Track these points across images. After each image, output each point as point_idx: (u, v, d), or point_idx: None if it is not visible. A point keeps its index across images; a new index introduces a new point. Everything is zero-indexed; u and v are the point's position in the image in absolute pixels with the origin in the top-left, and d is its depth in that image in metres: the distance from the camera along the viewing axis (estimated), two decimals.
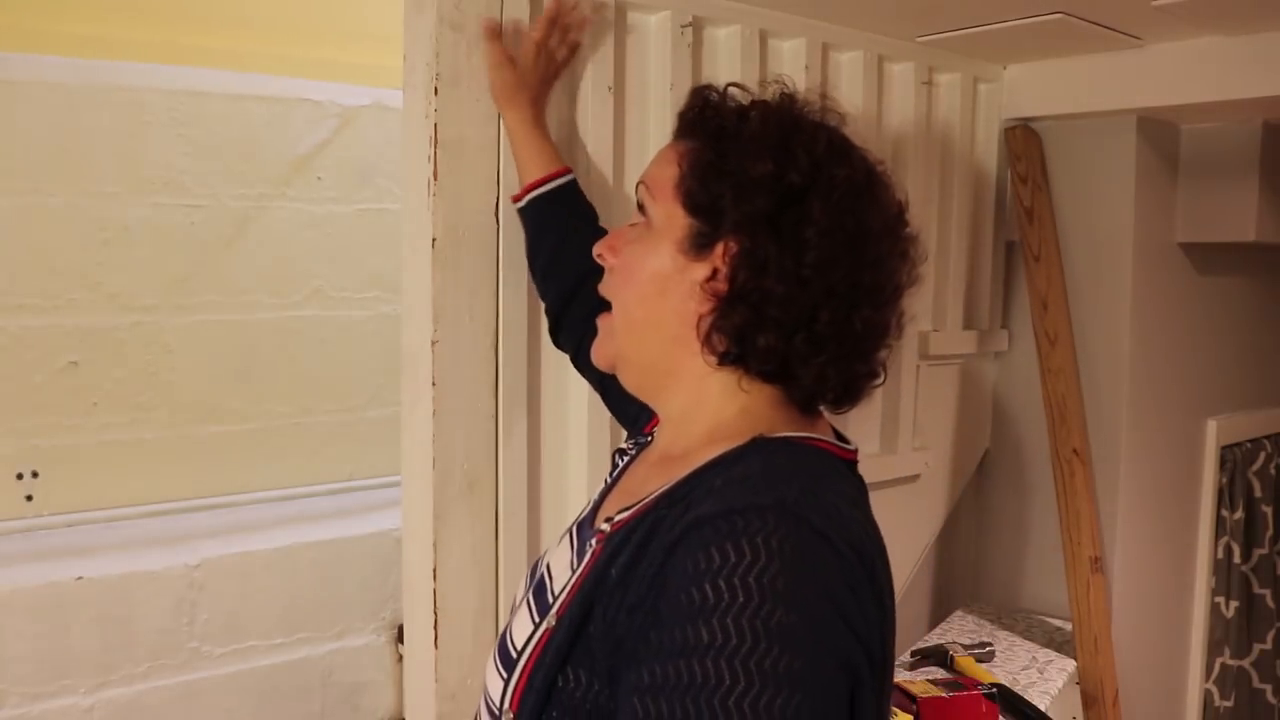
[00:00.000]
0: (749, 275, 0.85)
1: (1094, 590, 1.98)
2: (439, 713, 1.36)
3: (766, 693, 0.66)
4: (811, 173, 0.85)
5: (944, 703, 1.62)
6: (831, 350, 0.85)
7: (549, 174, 1.32)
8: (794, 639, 0.69)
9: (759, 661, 0.67)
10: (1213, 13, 1.62)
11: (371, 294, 2.55)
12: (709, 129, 0.91)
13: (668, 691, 0.69)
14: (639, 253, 0.92)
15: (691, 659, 0.69)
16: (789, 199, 0.85)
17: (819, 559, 0.73)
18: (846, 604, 0.74)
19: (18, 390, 2.12)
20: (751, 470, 0.81)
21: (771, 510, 0.73)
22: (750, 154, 0.86)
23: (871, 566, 0.78)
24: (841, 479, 0.85)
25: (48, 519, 2.16)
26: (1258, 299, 2.43)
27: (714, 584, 0.70)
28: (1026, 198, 2.03)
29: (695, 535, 0.74)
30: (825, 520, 0.75)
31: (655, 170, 0.93)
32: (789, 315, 0.84)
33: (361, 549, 2.33)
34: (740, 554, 0.71)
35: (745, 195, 0.85)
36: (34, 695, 1.95)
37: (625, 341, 0.93)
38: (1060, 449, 2.01)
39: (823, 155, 0.87)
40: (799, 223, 0.84)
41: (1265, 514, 2.44)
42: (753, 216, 0.85)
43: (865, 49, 1.78)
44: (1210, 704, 2.39)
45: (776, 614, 0.69)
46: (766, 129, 0.88)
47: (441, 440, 1.34)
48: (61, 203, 2.13)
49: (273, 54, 2.43)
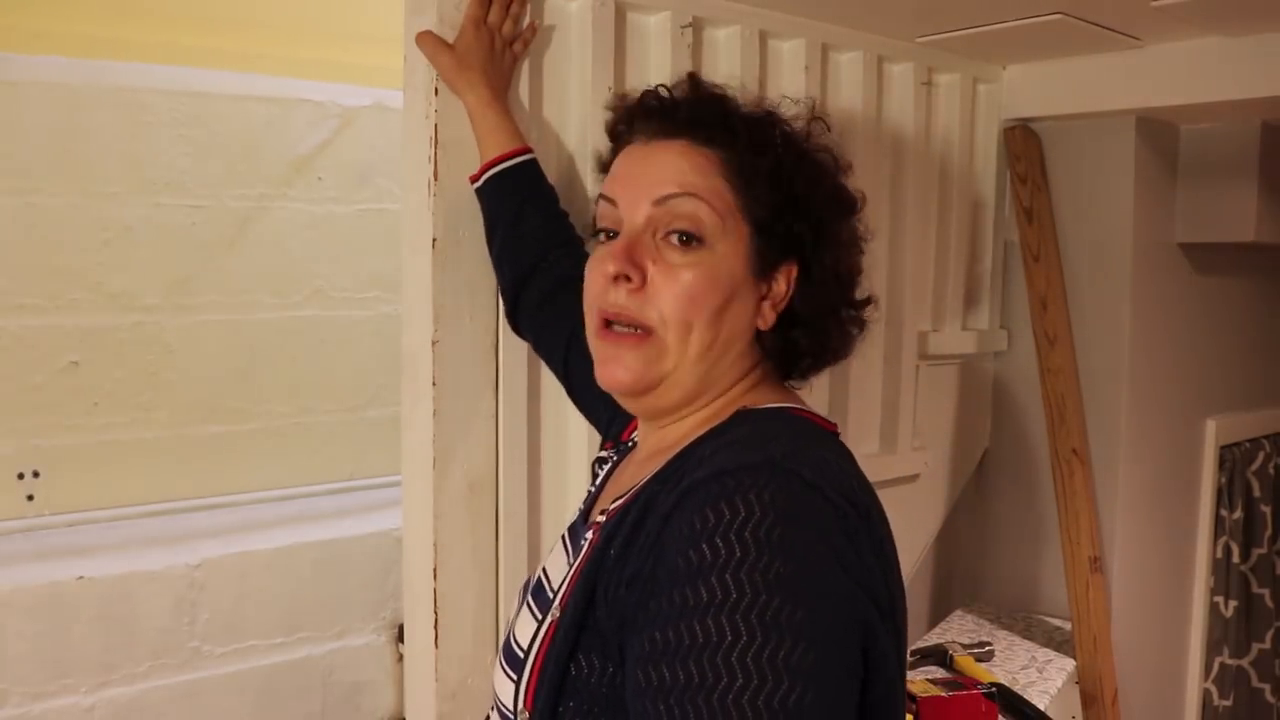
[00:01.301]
0: (815, 289, 0.91)
1: (1093, 590, 1.98)
2: (439, 712, 1.37)
3: (769, 645, 0.66)
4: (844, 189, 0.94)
5: (943, 702, 1.62)
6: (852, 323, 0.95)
7: (506, 152, 1.29)
8: (794, 589, 0.68)
9: (760, 614, 0.67)
10: (1212, 13, 1.62)
11: (371, 294, 2.55)
12: (741, 138, 0.89)
13: (670, 655, 0.68)
14: (700, 275, 0.86)
15: (692, 619, 0.68)
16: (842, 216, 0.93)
17: (813, 510, 0.73)
18: (844, 553, 0.74)
19: (19, 390, 2.12)
20: (740, 435, 0.82)
21: (762, 467, 0.74)
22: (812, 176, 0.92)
23: (867, 516, 0.78)
24: (827, 439, 0.87)
25: (49, 519, 2.16)
26: (1257, 299, 2.43)
27: (709, 542, 0.70)
28: (1026, 198, 2.04)
29: (689, 499, 0.74)
30: (816, 473, 0.75)
31: (696, 180, 0.87)
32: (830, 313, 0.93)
33: (362, 549, 2.33)
34: (735, 511, 0.71)
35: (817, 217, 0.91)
36: (35, 694, 1.95)
37: (688, 366, 0.87)
38: (1059, 449, 2.01)
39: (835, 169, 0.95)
40: (846, 236, 0.93)
41: (1264, 514, 2.45)
42: (821, 237, 0.91)
43: (865, 49, 1.79)
44: (1209, 703, 2.39)
45: (775, 566, 0.69)
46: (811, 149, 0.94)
47: (441, 440, 1.35)
48: (62, 203, 2.13)
49: (273, 54, 2.43)
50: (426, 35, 1.31)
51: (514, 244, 1.29)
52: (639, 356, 0.87)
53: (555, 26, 1.42)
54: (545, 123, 1.42)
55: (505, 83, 1.34)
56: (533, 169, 1.31)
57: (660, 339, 0.86)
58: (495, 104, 1.30)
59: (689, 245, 0.86)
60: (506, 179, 1.29)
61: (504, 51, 1.33)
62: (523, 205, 1.30)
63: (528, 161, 1.31)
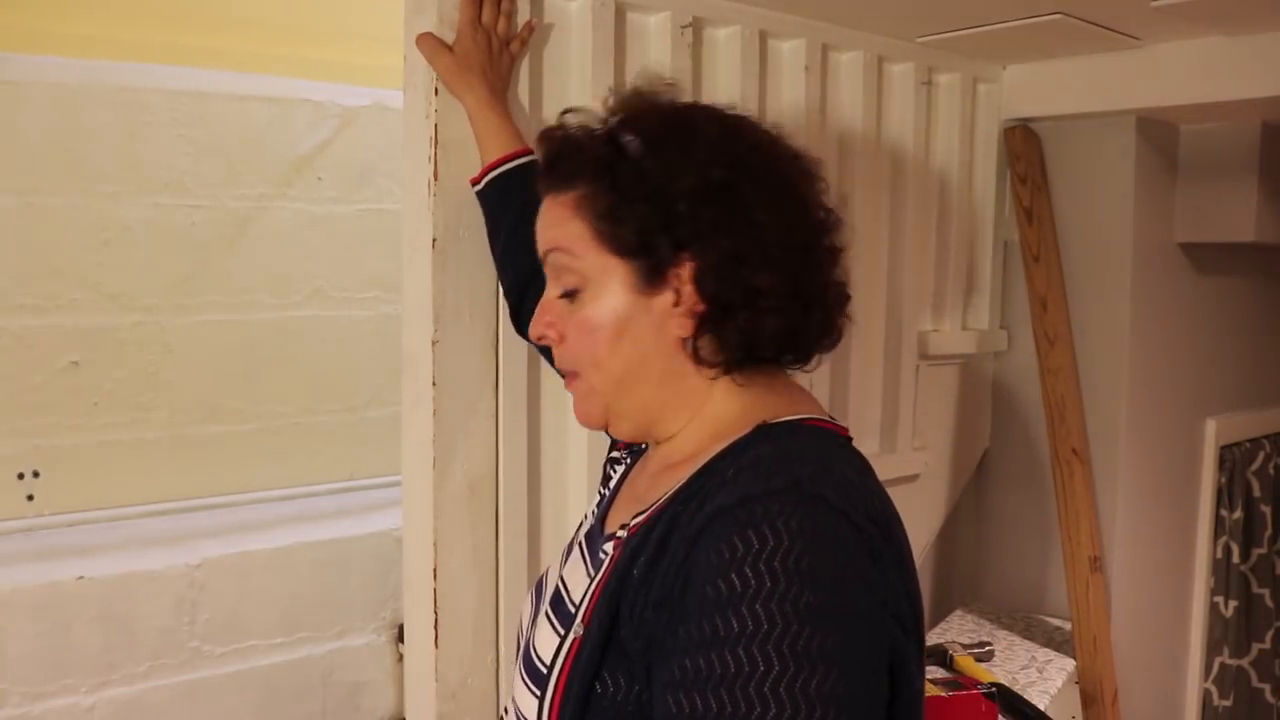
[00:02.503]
0: (724, 281, 0.84)
1: (1093, 590, 1.98)
2: (439, 712, 1.37)
3: (802, 674, 0.67)
4: (725, 159, 0.86)
5: (943, 702, 1.62)
6: (820, 297, 0.89)
7: (506, 154, 1.29)
8: (824, 618, 0.69)
9: (791, 644, 0.68)
10: (1212, 13, 1.62)
11: (371, 294, 2.55)
12: (586, 170, 0.88)
13: (701, 684, 0.69)
14: (588, 314, 0.88)
15: (723, 649, 0.69)
16: (724, 196, 0.85)
17: (839, 535, 0.74)
18: (871, 575, 0.75)
19: (19, 390, 2.12)
20: (763, 455, 0.81)
21: (787, 493, 0.74)
22: (656, 175, 0.85)
23: (888, 532, 0.79)
24: (846, 452, 0.87)
25: (49, 519, 2.16)
26: (1257, 299, 2.43)
27: (739, 572, 0.71)
28: (1026, 198, 2.04)
29: (715, 526, 0.74)
30: (840, 496, 0.76)
31: (558, 234, 0.90)
32: (781, 294, 0.85)
33: (362, 549, 2.33)
34: (763, 540, 0.71)
35: (675, 214, 0.84)
36: (35, 695, 1.95)
37: (614, 399, 0.91)
38: (1059, 449, 2.01)
39: (719, 138, 0.87)
40: (746, 211, 0.84)
41: (1264, 514, 2.45)
42: (702, 227, 0.84)
43: (865, 49, 1.79)
44: (1209, 703, 2.39)
45: (805, 595, 0.69)
46: (654, 144, 0.87)
47: (441, 440, 1.35)
48: (62, 203, 2.13)
49: (273, 54, 2.43)
50: (425, 37, 1.31)
51: (516, 247, 1.28)
52: (580, 397, 0.93)
53: (555, 26, 1.42)
54: (545, 123, 1.42)
55: (504, 84, 1.34)
56: (534, 170, 1.30)
57: (585, 380, 0.92)
58: (494, 105, 1.30)
59: (570, 298, 0.90)
60: (507, 181, 1.29)
61: (502, 52, 1.33)
62: (524, 207, 1.28)
63: (529, 163, 1.30)
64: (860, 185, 1.82)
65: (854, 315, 0.95)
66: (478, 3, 1.31)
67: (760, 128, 0.92)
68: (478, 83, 1.29)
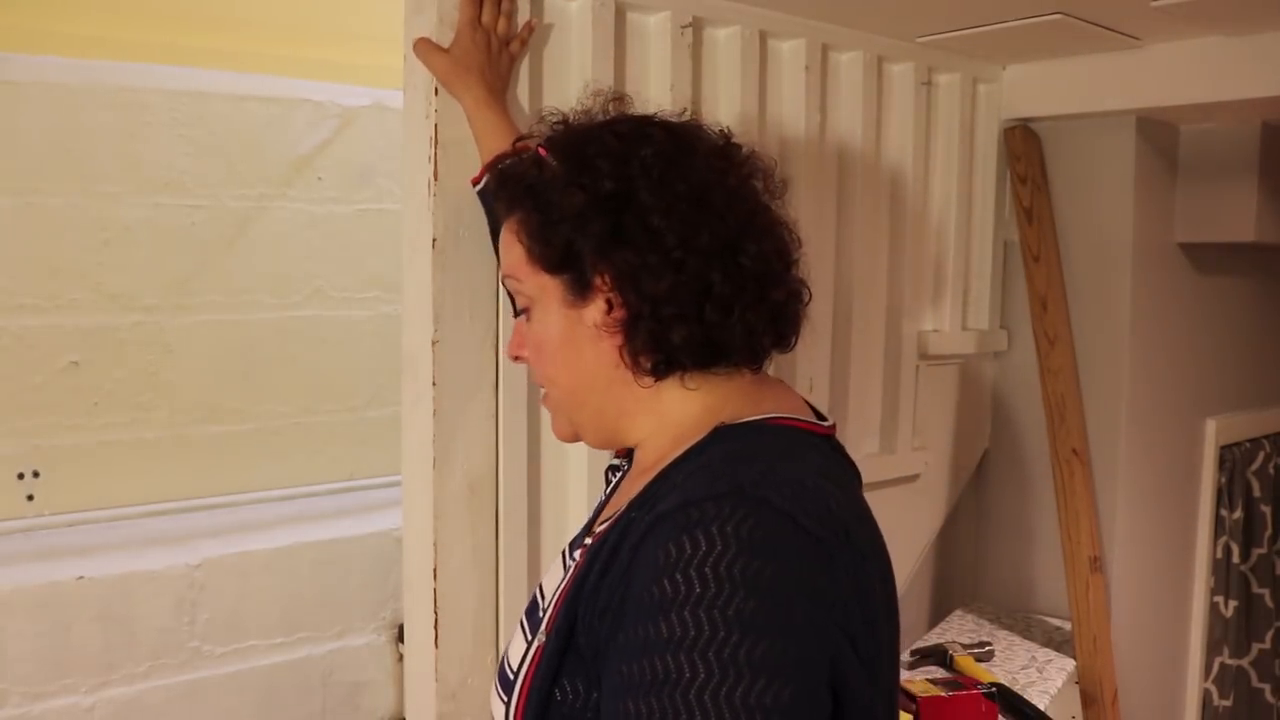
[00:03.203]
0: (632, 289, 0.85)
1: (1093, 590, 1.98)
2: (439, 712, 1.37)
3: (727, 682, 0.66)
4: (620, 170, 0.86)
5: (943, 702, 1.62)
6: (742, 299, 0.86)
7: (505, 151, 1.28)
8: (756, 626, 0.68)
9: (718, 651, 0.67)
10: (1212, 13, 1.62)
11: (371, 294, 2.55)
12: (520, 195, 0.91)
13: (635, 690, 0.69)
14: (536, 332, 0.93)
15: (654, 655, 0.68)
16: (617, 206, 0.85)
17: (782, 540, 0.72)
18: (816, 583, 0.73)
19: (18, 390, 2.12)
20: (712, 459, 0.81)
21: (729, 497, 0.73)
22: (560, 193, 0.87)
23: (845, 535, 0.76)
24: (812, 452, 0.85)
25: (49, 519, 2.16)
26: (1257, 299, 2.43)
27: (671, 578, 0.70)
28: (1026, 198, 2.04)
29: (656, 531, 0.74)
30: (787, 498, 0.74)
31: (507, 260, 0.94)
32: (684, 300, 0.84)
33: (362, 549, 2.33)
34: (695, 545, 0.71)
35: (582, 228, 0.86)
36: (35, 695, 1.95)
37: (572, 411, 0.94)
38: (1059, 449, 2.01)
39: (620, 149, 0.88)
40: (641, 219, 0.85)
41: (1264, 514, 2.45)
42: (601, 241, 0.85)
43: (865, 49, 1.79)
44: (1209, 703, 2.39)
45: (735, 601, 0.68)
46: (562, 161, 0.89)
47: (441, 440, 1.35)
48: (62, 203, 2.13)
49: (273, 54, 2.43)
50: (422, 41, 1.31)
51: None
52: (550, 412, 0.98)
53: (555, 26, 1.42)
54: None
55: (503, 83, 1.34)
56: None
57: (551, 396, 0.96)
58: (493, 104, 1.30)
59: (526, 317, 0.94)
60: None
61: (501, 52, 1.33)
62: None
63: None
64: (860, 185, 1.82)
65: (852, 314, 0.94)
66: (478, 3, 1.31)
67: (672, 133, 0.91)
68: (475, 83, 1.29)
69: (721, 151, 0.91)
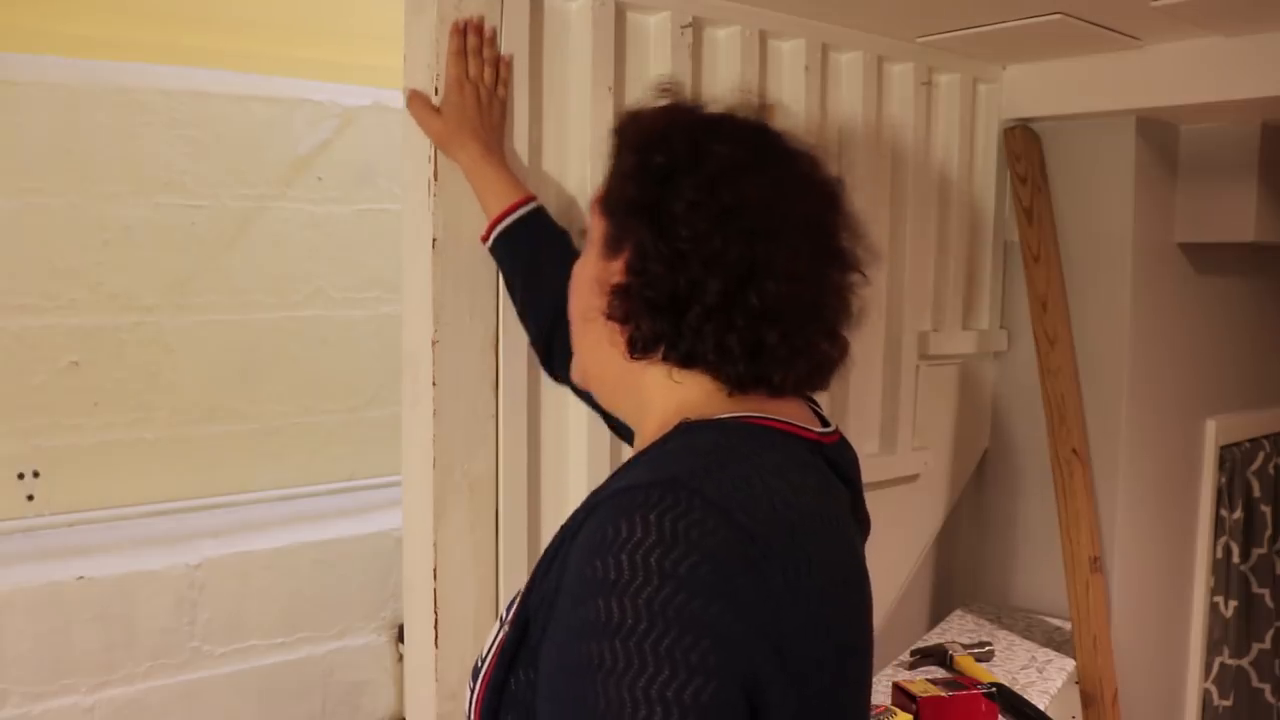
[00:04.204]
0: (635, 262, 0.85)
1: (1093, 590, 1.98)
2: (439, 712, 1.37)
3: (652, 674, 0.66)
4: (682, 153, 0.85)
5: (943, 702, 1.62)
6: (728, 323, 0.82)
7: (509, 207, 1.30)
8: (669, 618, 0.67)
9: (629, 639, 0.67)
10: (1212, 13, 1.62)
11: (371, 294, 2.55)
12: (619, 141, 0.93)
13: (557, 672, 0.71)
14: (578, 269, 0.95)
15: (576, 638, 0.69)
16: (660, 182, 0.85)
17: (709, 533, 0.70)
18: (737, 581, 0.70)
19: (19, 390, 2.12)
20: (665, 451, 0.81)
21: (661, 486, 0.72)
22: (624, 149, 0.89)
23: (787, 537, 0.74)
24: (774, 452, 0.82)
25: (49, 519, 2.16)
26: (1257, 299, 2.43)
27: (593, 563, 0.70)
28: (1026, 198, 2.04)
29: (594, 516, 0.74)
30: (725, 491, 0.73)
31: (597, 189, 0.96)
32: (665, 293, 0.83)
33: (362, 549, 2.34)
34: (617, 530, 0.70)
35: (623, 188, 0.87)
36: (35, 695, 1.95)
37: (582, 356, 0.95)
38: (1059, 449, 2.01)
39: (699, 135, 0.87)
40: (670, 202, 0.84)
41: (1264, 514, 2.45)
42: (631, 205, 0.86)
43: (865, 49, 1.79)
44: (1209, 703, 2.39)
45: (647, 591, 0.68)
46: (647, 124, 0.90)
47: (441, 440, 1.35)
48: (62, 203, 2.14)
49: (273, 54, 2.43)
50: (415, 98, 1.32)
51: (535, 295, 1.29)
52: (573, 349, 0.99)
53: (555, 26, 1.42)
54: (545, 123, 1.42)
55: (497, 136, 1.34)
56: (539, 217, 1.31)
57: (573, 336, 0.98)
58: (489, 159, 1.30)
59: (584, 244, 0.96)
60: (515, 233, 1.30)
61: (491, 102, 1.33)
62: (535, 256, 1.30)
63: (533, 211, 1.31)
64: (860, 186, 1.82)
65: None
66: (464, 59, 1.31)
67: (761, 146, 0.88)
68: (470, 141, 1.30)
69: (797, 191, 0.88)
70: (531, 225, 1.31)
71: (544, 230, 1.32)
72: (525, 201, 1.30)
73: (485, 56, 1.33)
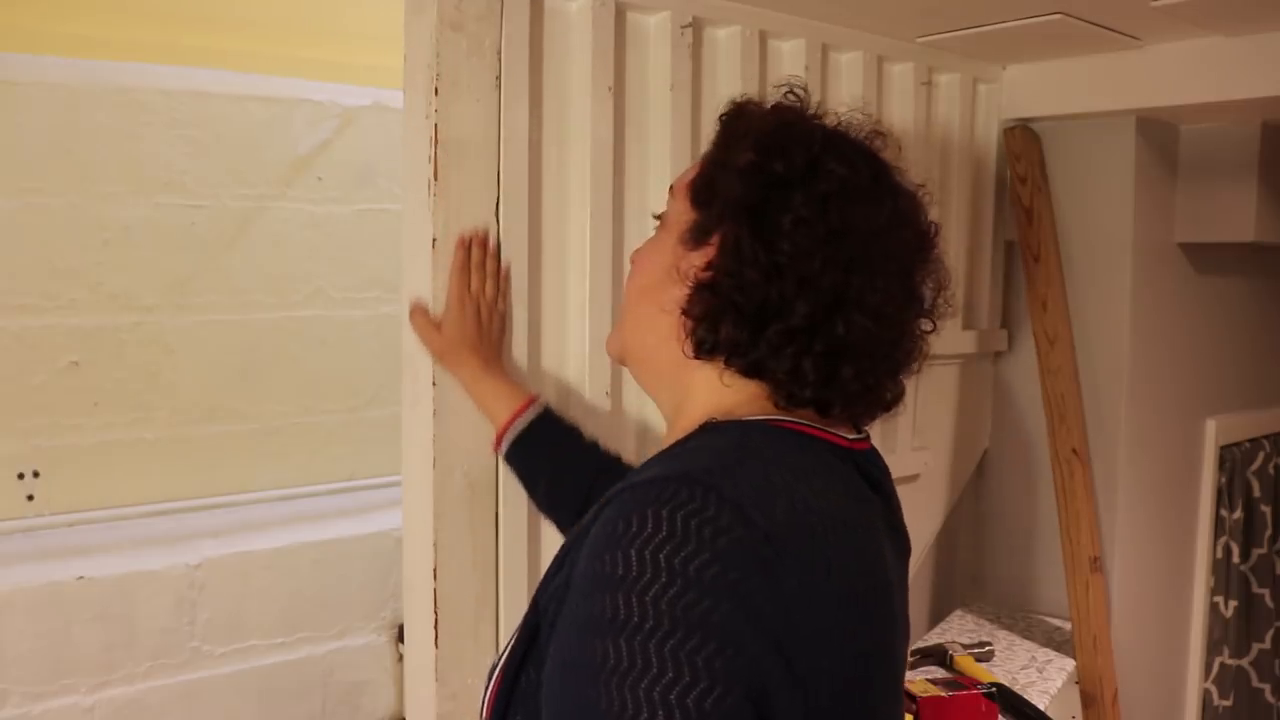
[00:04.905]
0: (725, 262, 0.84)
1: (1093, 590, 1.98)
2: (439, 713, 1.37)
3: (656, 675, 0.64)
4: (800, 165, 0.84)
5: (943, 702, 1.62)
6: (804, 345, 0.82)
7: (515, 411, 1.30)
8: (676, 618, 0.65)
9: (639, 639, 0.65)
10: (1212, 13, 1.62)
11: (371, 294, 2.55)
12: (722, 131, 0.93)
13: (560, 668, 0.69)
14: (647, 250, 0.95)
15: (583, 634, 0.68)
16: (771, 188, 0.84)
17: (722, 531, 0.68)
18: (748, 583, 0.68)
19: (19, 390, 2.12)
20: (686, 448, 0.80)
21: (674, 480, 0.71)
22: (740, 145, 0.87)
23: (804, 537, 0.72)
24: (802, 454, 0.81)
25: (49, 519, 2.16)
26: (1257, 299, 2.43)
27: (603, 557, 0.69)
28: (1026, 198, 2.04)
29: (608, 509, 0.73)
30: (739, 489, 0.71)
31: (681, 175, 0.96)
32: (750, 302, 0.82)
33: (362, 549, 2.33)
34: (628, 525, 0.69)
35: (729, 184, 0.86)
36: (35, 695, 1.95)
37: (630, 334, 0.95)
38: (1059, 449, 2.01)
39: (819, 151, 0.86)
40: (778, 212, 0.83)
41: (1264, 514, 2.45)
42: (734, 204, 0.85)
43: (865, 49, 1.79)
44: (1209, 703, 2.39)
45: (655, 588, 0.66)
46: (764, 123, 0.89)
47: (441, 440, 1.35)
48: (62, 203, 2.13)
49: (273, 54, 2.43)
50: (417, 313, 1.32)
51: (558, 494, 1.30)
52: (615, 323, 1.01)
53: (555, 26, 1.42)
54: (545, 123, 1.42)
55: (496, 351, 1.35)
56: (546, 418, 1.32)
57: (621, 307, 0.99)
58: (489, 372, 1.31)
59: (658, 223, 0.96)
60: (526, 439, 1.30)
61: (491, 316, 1.34)
62: (551, 456, 1.31)
63: (540, 413, 1.31)
64: None
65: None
66: (467, 274, 1.32)
67: (880, 171, 0.89)
68: (469, 356, 1.31)
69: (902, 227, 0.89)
70: (544, 425, 1.31)
71: (556, 426, 1.32)
72: (530, 403, 1.31)
73: (488, 269, 1.34)
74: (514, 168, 1.37)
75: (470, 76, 1.33)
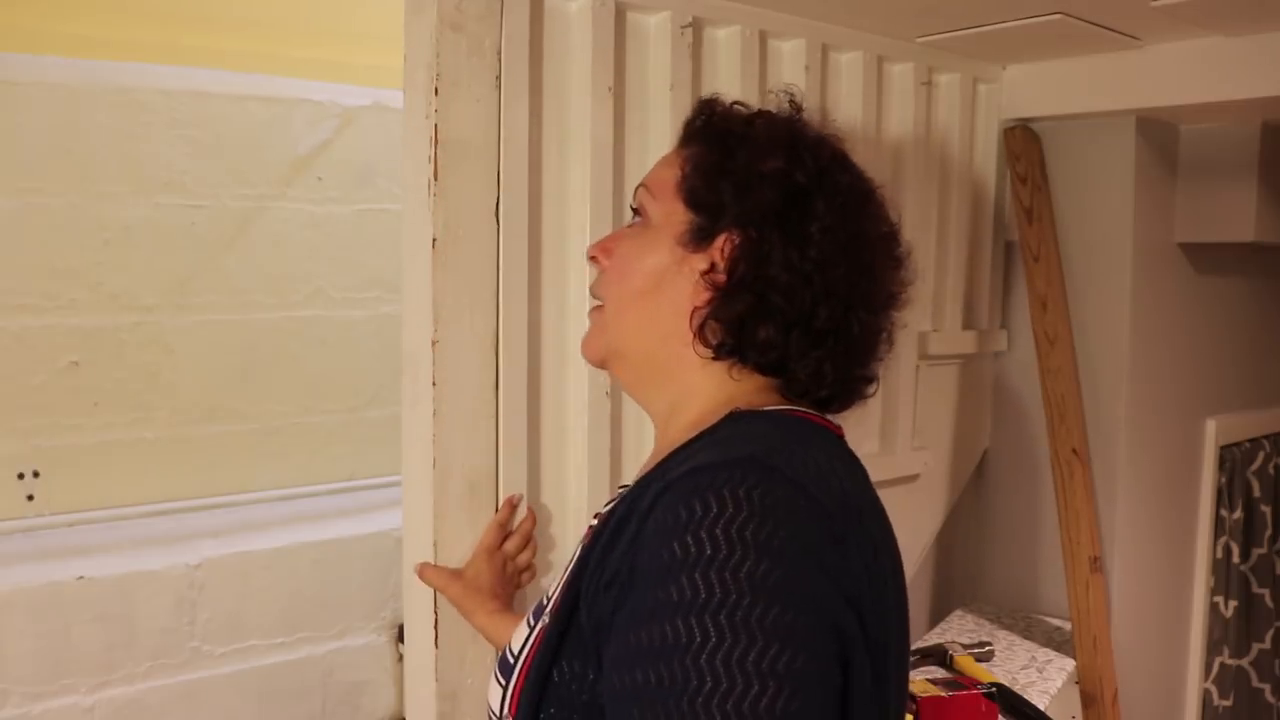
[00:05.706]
0: (751, 265, 0.86)
1: (1093, 590, 1.98)
2: (439, 712, 1.37)
3: (739, 647, 0.64)
4: (817, 175, 0.88)
5: (943, 702, 1.62)
6: (829, 347, 0.87)
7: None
8: (769, 590, 0.66)
9: (730, 614, 0.65)
10: (1212, 13, 1.62)
11: (371, 294, 2.55)
12: (713, 135, 0.93)
13: (642, 657, 0.67)
14: (635, 250, 0.94)
15: (665, 620, 0.67)
16: (796, 196, 0.87)
17: (793, 507, 0.71)
18: (825, 554, 0.71)
19: (19, 390, 2.12)
20: (728, 434, 0.82)
21: (741, 463, 0.73)
22: (761, 152, 0.89)
23: (856, 518, 0.76)
24: (824, 443, 0.85)
25: (49, 519, 2.16)
26: (1257, 299, 2.43)
27: (682, 540, 0.69)
28: (1026, 198, 2.04)
29: (667, 495, 0.73)
30: (799, 470, 0.74)
31: (656, 172, 0.96)
32: (791, 307, 0.85)
33: (362, 549, 2.33)
34: (706, 507, 0.70)
35: (753, 189, 0.87)
36: (35, 695, 1.95)
37: (619, 336, 0.95)
38: (1059, 449, 2.01)
39: (827, 162, 0.90)
40: (805, 219, 0.86)
41: (1264, 514, 2.45)
42: (760, 210, 0.87)
43: (865, 49, 1.79)
44: (1209, 703, 2.39)
45: (746, 564, 0.67)
46: (775, 131, 0.91)
47: (441, 440, 1.35)
48: (62, 203, 2.13)
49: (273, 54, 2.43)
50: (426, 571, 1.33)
51: None
52: (592, 327, 0.98)
53: (555, 26, 1.42)
54: (545, 123, 1.42)
55: (512, 594, 1.36)
56: None
57: (602, 311, 0.97)
58: (504, 614, 1.31)
59: (630, 228, 0.97)
60: None
61: (513, 574, 1.37)
62: None
63: None
64: None
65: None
66: (502, 536, 1.35)
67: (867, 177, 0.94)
68: (487, 599, 1.31)
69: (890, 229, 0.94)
70: None
71: None
72: None
73: (523, 530, 1.37)
74: (514, 168, 1.37)
75: (470, 76, 1.33)
